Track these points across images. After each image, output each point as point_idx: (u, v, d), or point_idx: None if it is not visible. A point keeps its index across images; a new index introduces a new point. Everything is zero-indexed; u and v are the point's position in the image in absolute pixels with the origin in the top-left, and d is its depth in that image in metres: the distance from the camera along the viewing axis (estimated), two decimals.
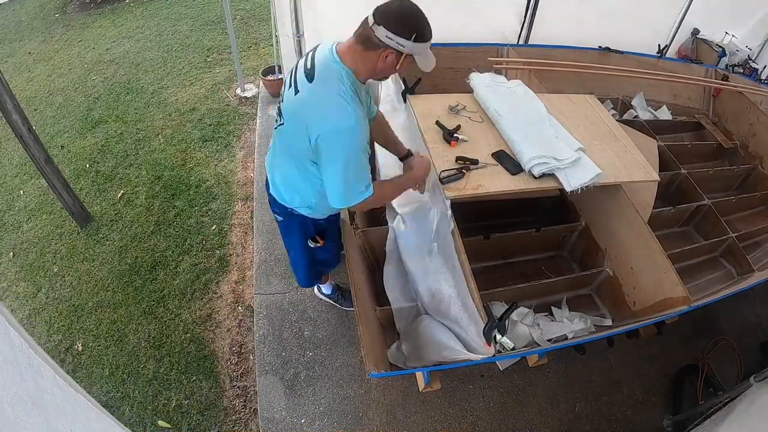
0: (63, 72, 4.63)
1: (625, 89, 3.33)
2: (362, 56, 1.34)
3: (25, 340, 0.73)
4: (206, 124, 3.74)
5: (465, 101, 2.15)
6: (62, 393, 0.80)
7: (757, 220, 2.85)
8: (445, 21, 2.88)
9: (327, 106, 1.32)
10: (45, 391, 0.74)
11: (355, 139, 1.33)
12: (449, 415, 2.13)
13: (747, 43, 3.41)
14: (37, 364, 0.75)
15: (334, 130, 1.31)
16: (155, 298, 2.58)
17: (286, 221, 1.75)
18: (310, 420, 2.08)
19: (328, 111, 1.32)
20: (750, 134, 3.17)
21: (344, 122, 1.30)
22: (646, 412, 2.25)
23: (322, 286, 2.43)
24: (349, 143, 1.33)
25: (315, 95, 1.35)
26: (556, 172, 1.82)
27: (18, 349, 0.71)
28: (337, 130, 1.31)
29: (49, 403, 0.74)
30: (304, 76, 1.37)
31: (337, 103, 1.31)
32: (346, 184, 1.38)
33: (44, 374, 0.76)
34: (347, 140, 1.32)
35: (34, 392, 0.70)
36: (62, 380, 0.81)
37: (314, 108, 1.35)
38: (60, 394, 0.79)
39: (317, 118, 1.33)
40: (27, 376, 0.70)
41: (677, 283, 1.81)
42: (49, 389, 0.76)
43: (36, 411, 0.67)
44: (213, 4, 5.58)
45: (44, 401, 0.72)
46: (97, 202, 3.16)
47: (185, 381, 2.24)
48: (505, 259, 2.45)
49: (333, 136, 1.31)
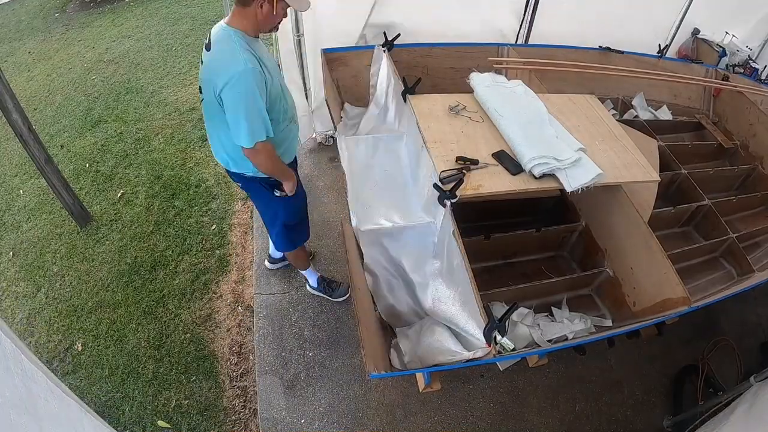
0: (63, 71, 4.63)
1: (625, 89, 3.33)
2: (243, 14, 1.54)
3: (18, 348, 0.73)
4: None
5: (465, 101, 2.15)
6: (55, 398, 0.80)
7: (757, 221, 2.84)
8: (445, 20, 2.88)
9: (220, 61, 1.54)
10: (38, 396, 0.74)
11: (248, 83, 1.49)
12: (449, 416, 2.13)
13: (747, 43, 3.40)
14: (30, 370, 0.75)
15: (229, 77, 1.48)
16: (155, 298, 2.58)
17: (245, 185, 1.94)
18: (309, 420, 2.08)
19: (222, 64, 1.52)
20: (750, 134, 3.17)
21: (234, 68, 1.48)
22: (646, 413, 2.25)
23: (309, 278, 2.47)
24: (243, 87, 1.49)
25: (212, 58, 1.57)
26: (556, 173, 1.82)
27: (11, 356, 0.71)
28: (231, 77, 1.47)
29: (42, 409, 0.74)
30: (204, 50, 1.60)
31: (227, 56, 1.52)
32: (243, 121, 1.52)
33: (37, 380, 0.76)
34: (241, 84, 1.48)
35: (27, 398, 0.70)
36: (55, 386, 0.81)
37: (213, 68, 1.56)
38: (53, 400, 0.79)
39: (216, 74, 1.52)
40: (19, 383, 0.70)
41: (677, 284, 1.81)
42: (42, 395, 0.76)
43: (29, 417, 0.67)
44: (213, 4, 5.58)
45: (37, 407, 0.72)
46: (96, 201, 3.16)
47: (185, 381, 2.24)
48: (505, 260, 2.44)
49: (229, 84, 1.48)
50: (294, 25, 2.61)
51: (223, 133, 1.69)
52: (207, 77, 1.59)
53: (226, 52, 1.53)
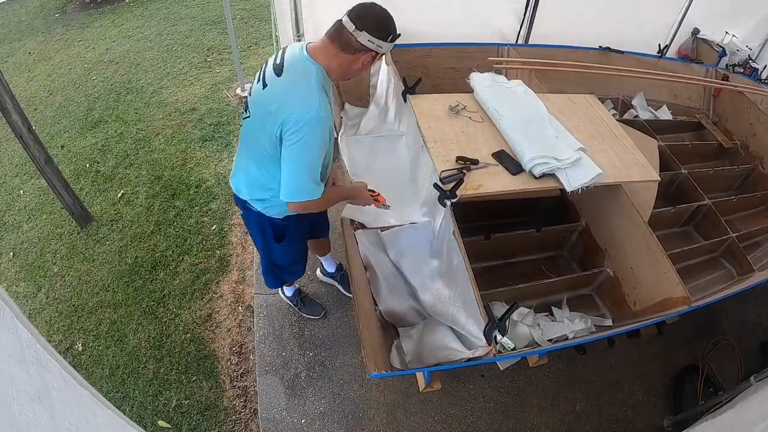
0: (63, 72, 4.63)
1: (625, 89, 3.33)
2: (337, 57, 1.37)
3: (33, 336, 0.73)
4: (206, 124, 3.73)
5: (465, 101, 2.15)
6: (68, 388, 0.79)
7: (757, 220, 2.85)
8: (445, 21, 2.88)
9: (293, 96, 1.35)
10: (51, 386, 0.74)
11: (318, 131, 1.35)
12: (450, 415, 2.13)
13: (747, 42, 3.41)
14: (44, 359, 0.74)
15: (299, 118, 1.32)
16: (155, 298, 2.58)
17: (245, 214, 1.76)
18: (310, 420, 2.08)
19: (294, 100, 1.34)
20: (750, 134, 3.17)
21: (308, 111, 1.32)
22: (646, 412, 2.25)
23: (285, 288, 2.39)
24: (310, 133, 1.33)
25: (282, 87, 1.38)
26: (556, 172, 1.82)
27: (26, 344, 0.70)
28: (301, 119, 1.32)
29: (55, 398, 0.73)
30: (272, 71, 1.40)
31: (304, 93, 1.34)
32: (299, 177, 1.39)
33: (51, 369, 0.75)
34: (309, 130, 1.33)
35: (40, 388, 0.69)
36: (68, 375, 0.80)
37: (280, 98, 1.36)
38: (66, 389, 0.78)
39: (283, 106, 1.34)
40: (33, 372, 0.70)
41: (677, 283, 1.81)
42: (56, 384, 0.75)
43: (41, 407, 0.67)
44: (213, 4, 5.58)
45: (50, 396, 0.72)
46: (97, 202, 3.16)
47: (185, 381, 2.24)
48: (505, 259, 2.45)
49: (297, 125, 1.32)
50: (294, 25, 2.61)
51: (258, 166, 1.52)
52: (269, 104, 1.38)
53: (303, 87, 1.35)
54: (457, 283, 1.75)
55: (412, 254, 1.97)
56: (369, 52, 1.36)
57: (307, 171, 1.38)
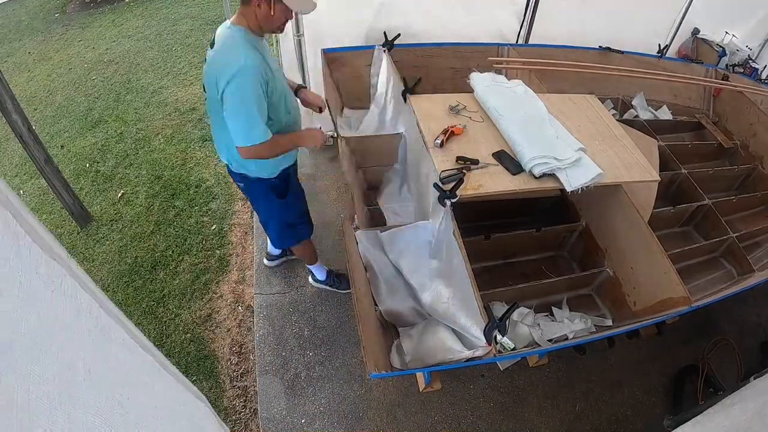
0: (63, 72, 4.63)
1: (625, 89, 3.33)
2: (244, 13, 1.55)
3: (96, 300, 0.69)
4: (206, 124, 3.73)
5: (465, 101, 2.15)
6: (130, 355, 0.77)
7: (757, 220, 2.85)
8: (445, 20, 2.88)
9: (222, 57, 1.55)
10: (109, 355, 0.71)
11: (249, 79, 1.49)
12: (450, 415, 2.13)
13: (747, 42, 3.41)
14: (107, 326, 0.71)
15: (230, 73, 1.47)
16: (155, 298, 2.58)
17: (245, 186, 1.92)
18: (310, 420, 2.08)
19: (223, 60, 1.53)
20: (750, 134, 3.17)
21: (235, 64, 1.47)
22: (646, 412, 2.25)
23: (315, 272, 2.45)
24: (243, 83, 1.48)
25: (214, 56, 1.58)
26: (556, 172, 1.82)
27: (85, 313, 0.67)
28: (232, 73, 1.46)
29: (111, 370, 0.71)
30: (209, 48, 1.62)
31: (229, 51, 1.53)
32: (240, 122, 1.53)
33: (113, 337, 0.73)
34: (241, 80, 1.47)
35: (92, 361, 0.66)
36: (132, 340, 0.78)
37: (215, 65, 1.56)
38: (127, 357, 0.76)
39: (218, 71, 1.51)
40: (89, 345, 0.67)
41: (677, 283, 1.81)
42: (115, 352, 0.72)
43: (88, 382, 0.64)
44: (213, 4, 5.58)
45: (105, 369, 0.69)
46: (97, 202, 3.16)
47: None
48: (505, 259, 2.44)
49: (231, 80, 1.47)
50: (294, 25, 2.61)
51: (227, 132, 1.67)
52: (209, 74, 1.58)
53: (229, 47, 1.54)
54: (457, 283, 1.75)
55: (412, 254, 1.97)
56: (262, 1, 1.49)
57: (245, 116, 1.52)
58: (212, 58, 1.59)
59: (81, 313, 0.65)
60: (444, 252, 1.86)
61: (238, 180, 1.91)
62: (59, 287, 0.61)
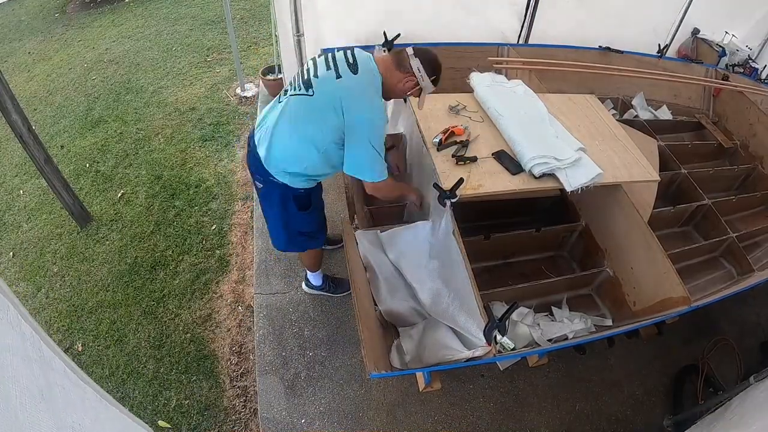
0: (63, 72, 4.63)
1: (625, 89, 3.33)
2: (392, 72, 1.66)
3: (37, 333, 0.72)
4: (206, 124, 3.74)
5: (465, 101, 2.15)
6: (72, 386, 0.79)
7: (757, 220, 2.84)
8: (445, 20, 2.88)
9: (369, 100, 1.62)
10: (54, 384, 0.73)
11: (383, 132, 1.65)
12: (449, 415, 2.13)
13: (747, 42, 3.41)
14: (48, 356, 0.74)
15: (372, 119, 1.60)
16: (155, 298, 2.58)
17: (266, 188, 1.84)
18: (310, 420, 2.08)
19: (369, 104, 1.61)
20: (750, 134, 3.17)
21: (380, 117, 1.62)
22: (646, 412, 2.25)
23: (311, 278, 2.42)
24: (379, 134, 1.63)
25: (359, 87, 1.61)
26: (556, 172, 1.82)
27: (29, 342, 0.70)
28: (374, 121, 1.61)
29: (58, 397, 0.73)
30: (347, 66, 1.62)
31: (372, 94, 1.62)
32: (372, 161, 1.65)
33: (54, 367, 0.75)
34: (379, 131, 1.63)
35: (44, 386, 0.69)
36: (72, 373, 0.80)
37: (357, 96, 1.60)
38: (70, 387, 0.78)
39: (359, 105, 1.59)
40: (37, 370, 0.69)
41: (677, 283, 1.81)
42: (59, 382, 0.75)
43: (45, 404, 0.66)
44: (213, 4, 5.59)
45: (54, 394, 0.71)
46: (96, 202, 3.16)
47: (185, 381, 2.24)
48: (505, 259, 2.44)
49: (370, 123, 1.60)
50: (294, 25, 2.61)
51: (301, 140, 1.65)
52: (343, 96, 1.57)
53: (372, 90, 1.62)
54: (457, 283, 1.75)
55: (412, 254, 1.97)
56: (413, 78, 1.65)
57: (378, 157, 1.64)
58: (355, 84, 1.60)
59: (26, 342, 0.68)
60: (444, 252, 1.86)
61: (260, 175, 1.79)
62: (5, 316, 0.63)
